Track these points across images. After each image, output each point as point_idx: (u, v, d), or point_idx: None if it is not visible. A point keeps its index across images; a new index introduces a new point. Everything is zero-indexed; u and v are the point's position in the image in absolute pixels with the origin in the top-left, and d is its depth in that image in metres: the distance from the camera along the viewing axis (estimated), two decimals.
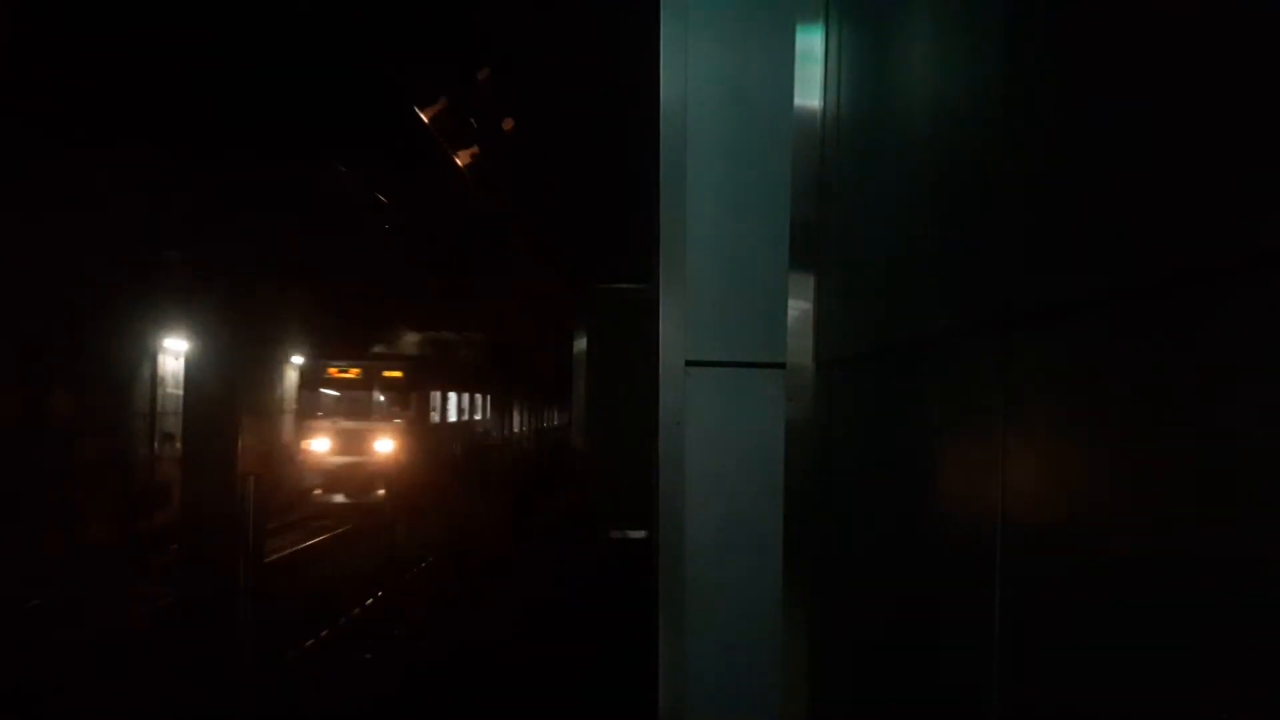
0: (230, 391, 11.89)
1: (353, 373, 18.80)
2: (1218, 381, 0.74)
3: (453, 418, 22.60)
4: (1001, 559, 1.13)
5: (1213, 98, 0.75)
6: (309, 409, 18.67)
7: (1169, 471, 0.79)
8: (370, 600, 10.91)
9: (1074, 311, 0.98)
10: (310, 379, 19.07)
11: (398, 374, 18.98)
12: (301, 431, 18.62)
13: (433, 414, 20.52)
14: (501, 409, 29.18)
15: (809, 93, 2.29)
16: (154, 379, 14.36)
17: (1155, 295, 0.83)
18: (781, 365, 2.28)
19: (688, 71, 2.31)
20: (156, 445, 14.35)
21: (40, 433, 11.18)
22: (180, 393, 13.51)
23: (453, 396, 22.37)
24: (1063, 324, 1.01)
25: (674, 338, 2.31)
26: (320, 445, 18.12)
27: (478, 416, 25.56)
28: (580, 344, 10.20)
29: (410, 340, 22.25)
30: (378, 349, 20.46)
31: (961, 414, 1.31)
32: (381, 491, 17.11)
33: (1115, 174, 0.90)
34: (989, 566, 1.15)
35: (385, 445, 18.15)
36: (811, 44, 2.29)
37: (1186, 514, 0.77)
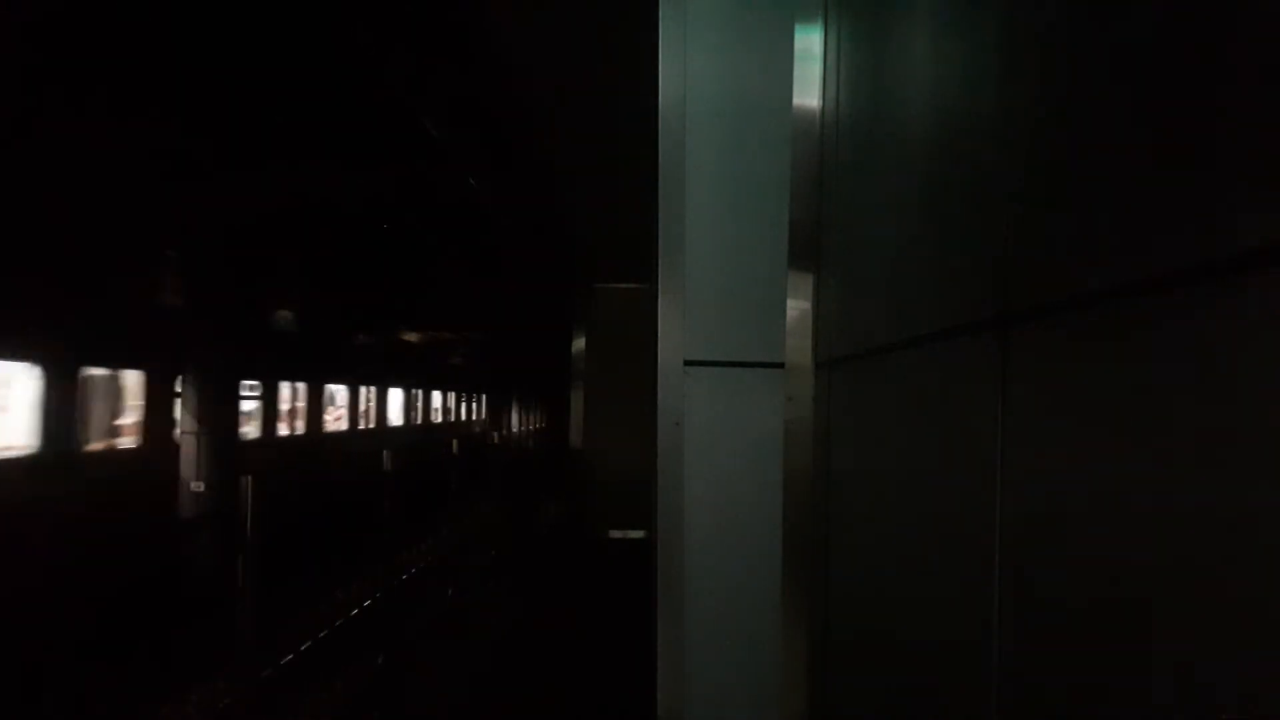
0: None
1: None
2: (1217, 380, 0.74)
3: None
4: (1000, 558, 1.13)
5: (1210, 96, 0.75)
6: None
7: (1168, 471, 0.79)
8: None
9: (1072, 311, 0.98)
10: None
11: None
12: None
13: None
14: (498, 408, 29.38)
15: (808, 92, 2.29)
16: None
17: (1154, 295, 0.83)
18: (780, 365, 2.28)
19: (686, 71, 2.31)
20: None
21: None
22: None
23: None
24: (1060, 323, 1.01)
25: (673, 337, 2.31)
26: None
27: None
28: (580, 343, 10.21)
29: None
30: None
31: (959, 414, 1.31)
32: None
33: (1113, 172, 0.90)
34: (987, 566, 1.15)
35: None
36: (810, 43, 2.29)
37: (1186, 513, 0.77)
